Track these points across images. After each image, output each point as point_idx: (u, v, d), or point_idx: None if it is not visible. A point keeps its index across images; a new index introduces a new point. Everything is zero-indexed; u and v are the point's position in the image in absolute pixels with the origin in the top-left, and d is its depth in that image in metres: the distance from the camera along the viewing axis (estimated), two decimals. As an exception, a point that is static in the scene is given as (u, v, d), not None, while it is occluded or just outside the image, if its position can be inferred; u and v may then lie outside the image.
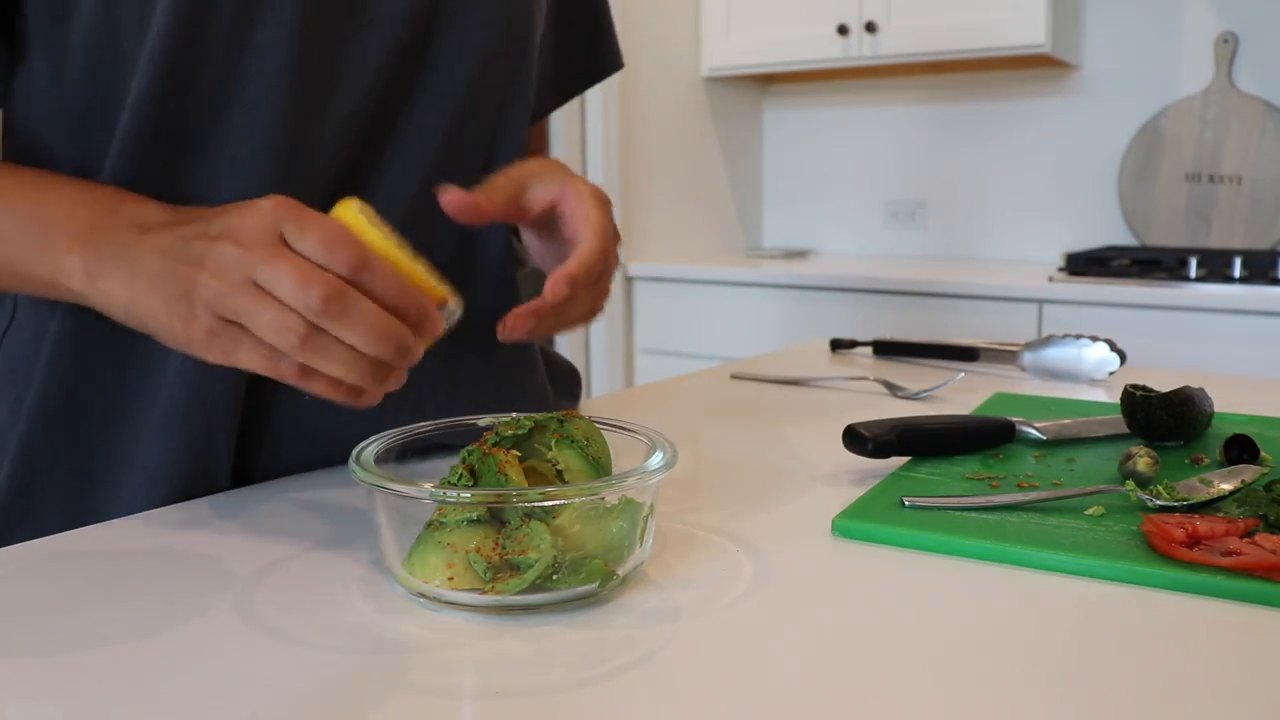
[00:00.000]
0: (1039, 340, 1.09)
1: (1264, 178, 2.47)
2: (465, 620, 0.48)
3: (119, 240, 0.56)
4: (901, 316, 2.37)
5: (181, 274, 0.53)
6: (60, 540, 0.59)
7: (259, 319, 0.50)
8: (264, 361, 0.52)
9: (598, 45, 0.89)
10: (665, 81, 2.80)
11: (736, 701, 0.41)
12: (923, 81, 2.89)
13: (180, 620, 0.48)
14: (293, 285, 0.50)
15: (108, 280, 0.55)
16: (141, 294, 0.54)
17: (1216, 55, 2.51)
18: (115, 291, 0.55)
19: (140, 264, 0.55)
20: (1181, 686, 0.42)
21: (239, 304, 0.51)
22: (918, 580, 0.53)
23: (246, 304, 0.51)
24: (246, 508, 0.64)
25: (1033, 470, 0.71)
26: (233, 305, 0.51)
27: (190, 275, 0.52)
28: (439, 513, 0.50)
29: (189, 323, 0.52)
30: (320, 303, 0.50)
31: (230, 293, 0.51)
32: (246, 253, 0.51)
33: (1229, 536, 0.55)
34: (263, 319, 0.50)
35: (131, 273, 0.55)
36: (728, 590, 0.52)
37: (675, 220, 2.89)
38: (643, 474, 0.51)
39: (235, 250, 0.51)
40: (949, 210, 2.91)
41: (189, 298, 0.52)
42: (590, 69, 0.89)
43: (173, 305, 0.53)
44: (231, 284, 0.51)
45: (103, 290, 0.56)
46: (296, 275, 0.50)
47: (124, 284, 0.55)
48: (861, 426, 0.72)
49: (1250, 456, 0.71)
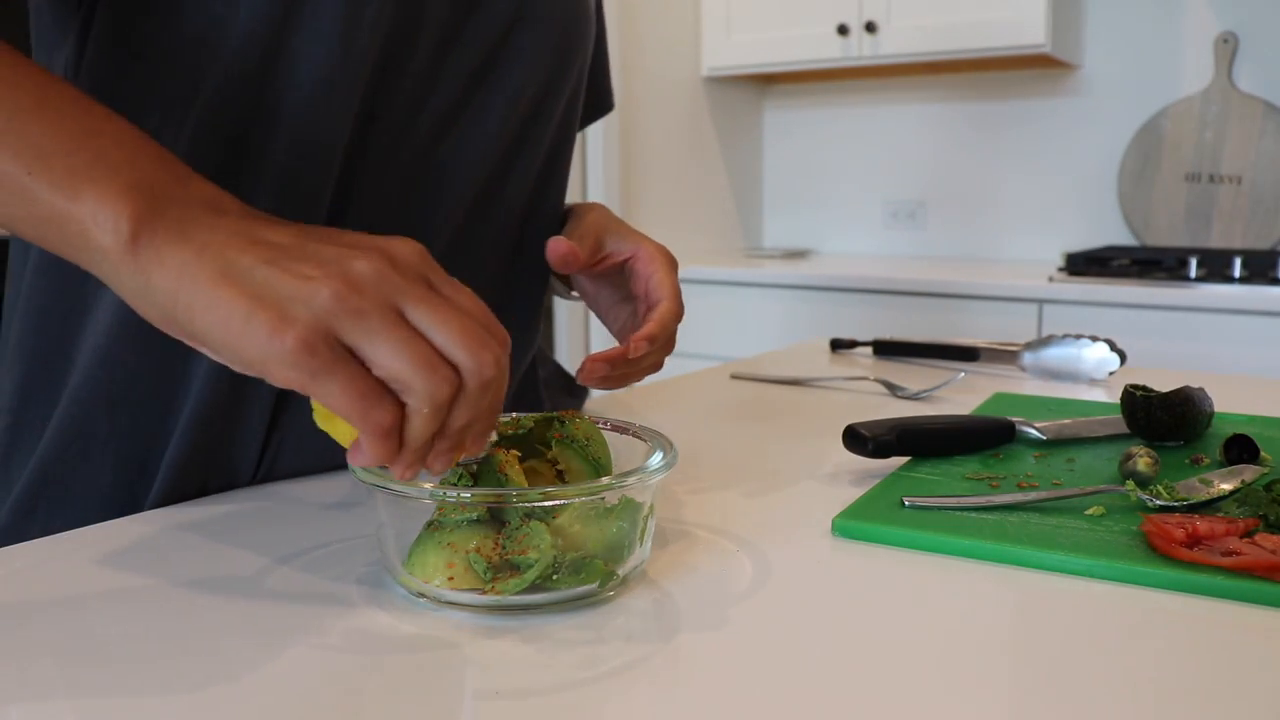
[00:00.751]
0: (1039, 340, 1.09)
1: (1264, 178, 2.47)
2: (465, 620, 0.48)
3: (185, 212, 0.45)
4: (901, 316, 2.37)
5: (290, 271, 0.43)
6: (61, 540, 0.59)
7: (402, 349, 0.42)
8: (357, 401, 0.42)
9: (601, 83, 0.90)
10: (665, 81, 2.80)
11: (736, 701, 0.41)
12: (923, 81, 2.90)
13: (180, 620, 0.48)
14: (462, 337, 0.43)
15: (161, 251, 0.43)
16: (205, 281, 0.42)
17: (1216, 55, 2.51)
18: (164, 267, 0.43)
19: (211, 246, 0.43)
20: (1181, 686, 0.42)
21: (377, 325, 0.42)
22: (918, 580, 0.53)
23: (390, 329, 0.42)
24: (247, 508, 0.64)
25: (1033, 470, 0.71)
26: (368, 325, 0.42)
27: (307, 276, 0.42)
28: (439, 513, 0.50)
29: (279, 331, 0.41)
30: (493, 370, 0.44)
31: (370, 313, 0.42)
32: (400, 278, 0.44)
33: (1229, 536, 0.55)
34: (408, 351, 0.42)
35: (197, 251, 0.43)
36: (728, 590, 0.52)
37: (675, 220, 2.89)
38: (643, 474, 0.51)
39: (387, 269, 0.44)
40: (949, 210, 2.91)
41: (293, 301, 0.42)
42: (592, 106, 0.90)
43: (258, 305, 0.42)
44: (371, 302, 0.42)
45: (145, 260, 0.43)
46: (469, 330, 0.43)
47: (182, 262, 0.43)
48: (861, 426, 0.72)
49: (1250, 456, 0.71)
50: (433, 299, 0.44)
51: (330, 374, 0.42)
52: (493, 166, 0.72)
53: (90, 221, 0.44)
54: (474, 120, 0.70)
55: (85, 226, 0.44)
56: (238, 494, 0.67)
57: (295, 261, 0.43)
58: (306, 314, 0.42)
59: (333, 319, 0.42)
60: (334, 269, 0.43)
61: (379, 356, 0.42)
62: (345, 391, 0.42)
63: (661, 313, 0.68)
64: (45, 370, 0.67)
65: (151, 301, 0.44)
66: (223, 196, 0.47)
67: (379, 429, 0.43)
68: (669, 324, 0.68)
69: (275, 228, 0.46)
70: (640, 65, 2.69)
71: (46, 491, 0.66)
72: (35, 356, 0.67)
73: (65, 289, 0.66)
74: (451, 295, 0.45)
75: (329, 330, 0.42)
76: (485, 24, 0.68)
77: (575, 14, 0.75)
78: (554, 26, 0.72)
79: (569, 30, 0.74)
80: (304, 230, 0.46)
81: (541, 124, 0.74)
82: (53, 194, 0.44)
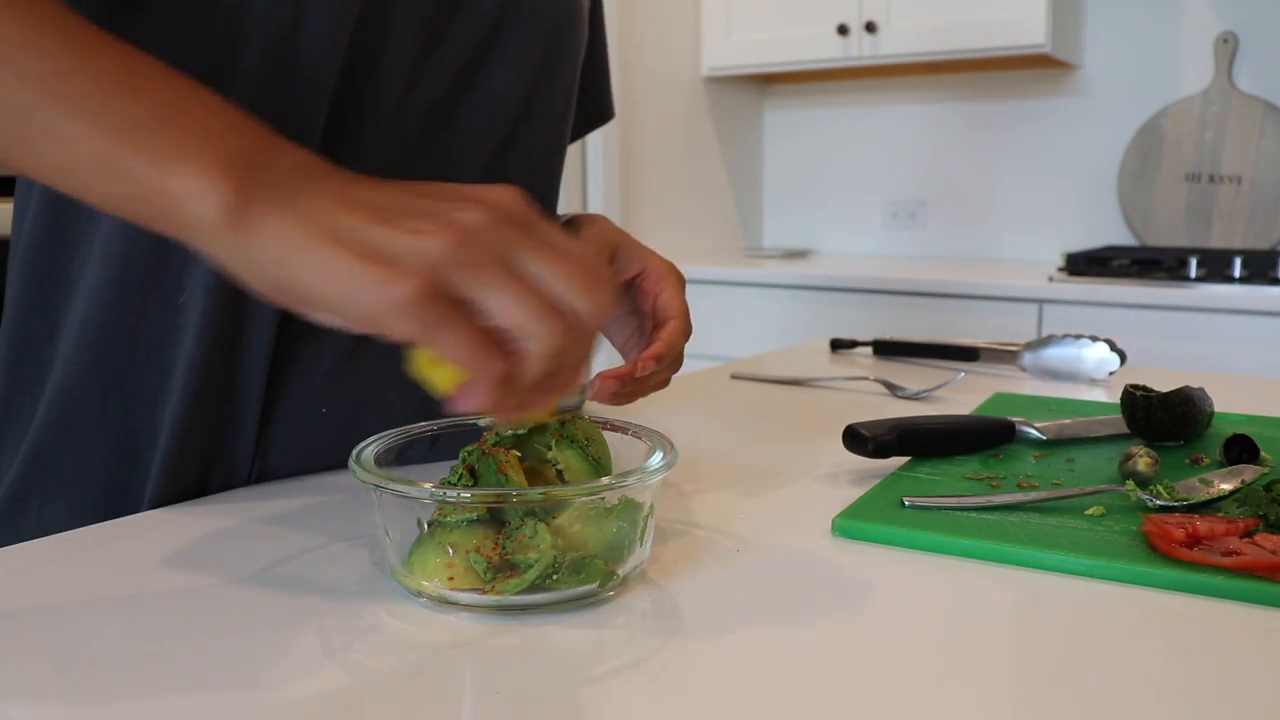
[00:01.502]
0: (1039, 340, 1.09)
1: (1264, 178, 2.47)
2: (465, 620, 0.48)
3: (283, 180, 0.45)
4: (901, 316, 2.37)
5: (398, 226, 0.43)
6: (61, 540, 0.59)
7: (523, 299, 0.42)
8: (479, 347, 0.42)
9: (600, 92, 0.90)
10: (665, 81, 2.80)
11: (736, 701, 0.41)
12: (922, 81, 2.89)
13: (180, 620, 0.48)
14: (577, 283, 0.43)
15: (264, 221, 0.43)
16: (312, 245, 0.42)
17: (1216, 55, 2.51)
18: (268, 236, 0.43)
19: (315, 210, 0.43)
20: (1181, 686, 0.42)
21: (493, 277, 0.42)
22: (918, 580, 0.53)
23: (507, 280, 0.42)
24: (246, 509, 0.64)
25: (1033, 470, 0.71)
26: (484, 277, 0.42)
27: (417, 230, 0.42)
28: (439, 513, 0.50)
29: (391, 282, 0.41)
30: (602, 315, 0.44)
31: (485, 265, 0.42)
32: (508, 229, 0.44)
33: (1229, 536, 0.55)
34: (528, 301, 0.42)
35: (300, 218, 0.43)
36: (727, 590, 0.52)
37: (675, 220, 2.89)
38: (643, 474, 0.51)
39: (495, 221, 0.44)
40: (949, 210, 2.91)
41: (406, 254, 0.42)
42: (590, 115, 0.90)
43: (368, 261, 0.41)
44: (486, 255, 0.42)
45: (250, 232, 0.43)
46: (582, 276, 0.44)
47: (286, 230, 0.43)
48: (861, 426, 0.72)
49: (1250, 456, 0.71)
50: (542, 247, 0.44)
51: (449, 324, 0.42)
52: (482, 167, 0.72)
53: (190, 198, 0.43)
54: (461, 120, 0.70)
55: (184, 203, 0.44)
56: (236, 494, 0.67)
57: (401, 218, 0.43)
58: (420, 265, 0.41)
59: (446, 270, 0.42)
60: (443, 221, 0.43)
61: (498, 305, 0.42)
62: (465, 341, 0.42)
63: (670, 331, 0.69)
64: (32, 356, 0.67)
65: (259, 272, 0.44)
66: (317, 161, 0.47)
67: (498, 378, 0.43)
68: (677, 343, 0.69)
69: (374, 188, 0.46)
70: (640, 65, 2.69)
71: (39, 479, 0.66)
72: (22, 342, 0.67)
73: (51, 274, 0.66)
74: (556, 241, 0.45)
75: (443, 281, 0.42)
76: (471, 21, 0.68)
77: (565, 15, 0.75)
78: (541, 27, 0.72)
79: (558, 31, 0.74)
80: (403, 187, 0.46)
81: (531, 125, 0.74)
82: (150, 171, 0.44)
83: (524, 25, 0.71)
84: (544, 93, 0.75)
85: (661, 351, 0.67)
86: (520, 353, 0.43)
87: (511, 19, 0.70)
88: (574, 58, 0.78)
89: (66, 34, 0.46)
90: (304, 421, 0.69)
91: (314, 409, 0.68)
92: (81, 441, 0.65)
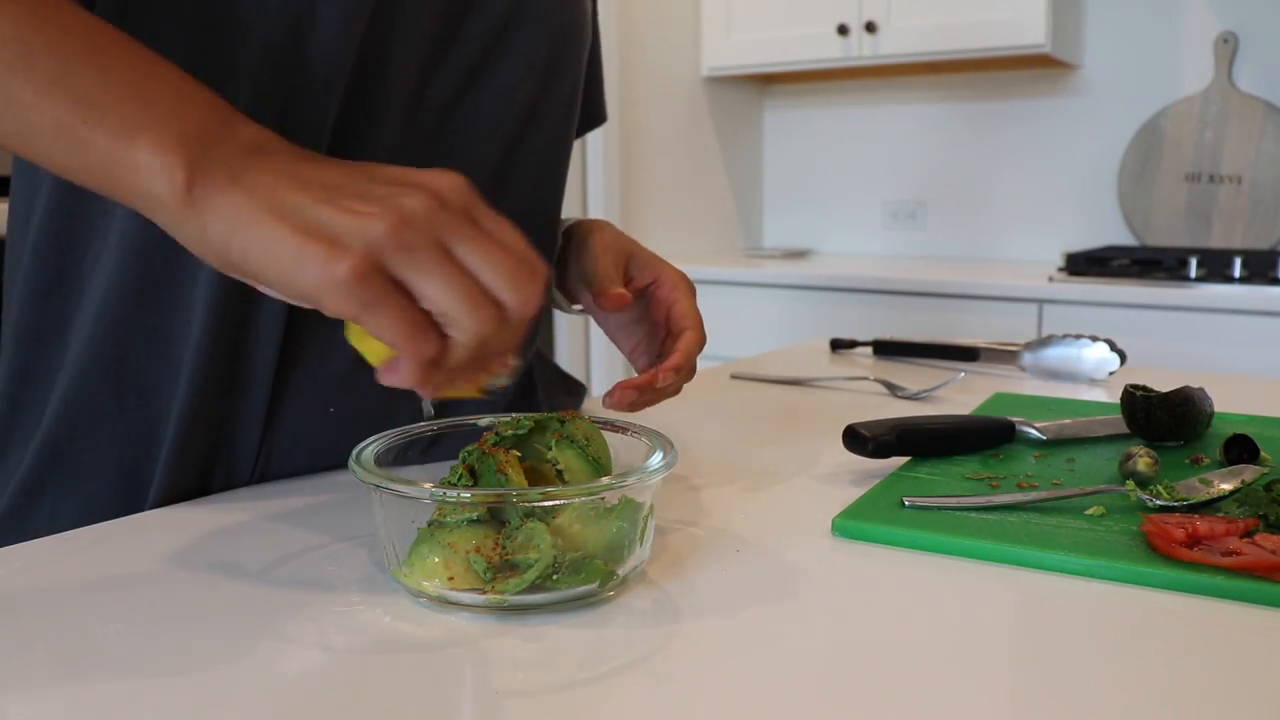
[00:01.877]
0: (1039, 340, 1.09)
1: (1264, 178, 2.47)
2: (465, 620, 0.48)
3: (235, 157, 0.46)
4: (902, 316, 2.37)
5: (341, 207, 0.44)
6: (61, 540, 0.59)
7: (453, 287, 0.44)
8: (407, 332, 0.44)
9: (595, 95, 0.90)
10: (665, 81, 2.80)
11: (736, 701, 0.41)
12: (922, 81, 2.89)
13: (180, 620, 0.48)
14: (508, 275, 0.45)
15: (214, 196, 0.45)
16: (258, 221, 0.44)
17: (1216, 55, 2.51)
18: (218, 212, 0.45)
19: (263, 187, 0.45)
20: (1181, 686, 0.42)
21: (428, 263, 0.44)
22: (918, 580, 0.53)
23: (441, 266, 0.44)
24: (247, 508, 0.64)
25: (1033, 470, 0.71)
26: (419, 262, 0.44)
27: (359, 212, 0.44)
28: (439, 513, 0.50)
29: (332, 260, 0.43)
30: (535, 305, 0.46)
31: (421, 248, 0.44)
32: (448, 216, 0.45)
33: (1229, 536, 0.55)
34: (459, 289, 0.44)
35: (248, 194, 0.45)
36: (727, 590, 0.52)
37: (675, 220, 2.89)
38: (643, 474, 0.51)
39: (436, 207, 0.45)
40: (949, 210, 2.90)
41: (347, 234, 0.43)
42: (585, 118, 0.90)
43: (310, 239, 0.43)
44: (423, 238, 0.44)
45: (200, 207, 0.45)
46: (514, 268, 0.45)
47: (235, 205, 0.45)
48: (861, 426, 0.72)
49: (1250, 456, 0.71)
50: (479, 236, 0.45)
51: (382, 305, 0.43)
52: (489, 168, 0.72)
53: (145, 171, 0.45)
54: (468, 120, 0.70)
55: (141, 176, 0.45)
56: (237, 493, 0.67)
57: (346, 198, 0.45)
58: (360, 246, 0.43)
59: (384, 253, 0.43)
60: (386, 204, 0.44)
61: (430, 291, 0.44)
62: (396, 323, 0.44)
63: (687, 342, 0.70)
64: (42, 353, 0.68)
65: (209, 246, 0.45)
66: (269, 138, 0.49)
67: (424, 359, 0.45)
68: (694, 354, 0.70)
69: (323, 166, 0.47)
70: (640, 65, 2.69)
71: (54, 471, 0.67)
72: (31, 340, 0.68)
73: (64, 271, 0.66)
74: (494, 230, 0.47)
75: (380, 263, 0.43)
76: (481, 23, 0.69)
77: (571, 17, 0.75)
78: (549, 28, 0.72)
79: (565, 31, 0.74)
80: (352, 168, 0.48)
81: (538, 125, 0.74)
82: (107, 143, 0.45)
83: (532, 27, 0.71)
84: (550, 94, 0.75)
85: (680, 363, 0.69)
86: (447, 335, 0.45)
87: (520, 21, 0.70)
88: (579, 59, 0.78)
89: (34, 3, 0.47)
90: (310, 419, 0.69)
91: (321, 407, 0.69)
92: (97, 433, 0.66)
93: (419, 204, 0.45)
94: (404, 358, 0.45)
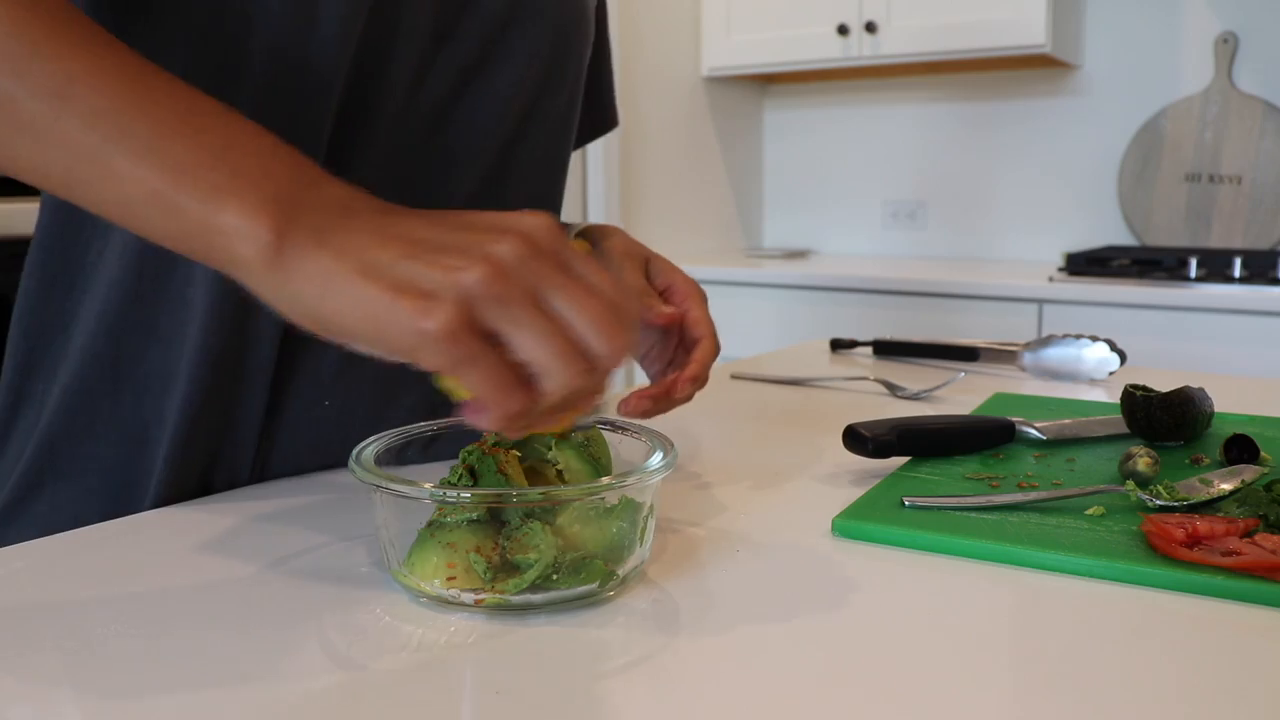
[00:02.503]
0: (1039, 340, 1.09)
1: (1264, 178, 2.47)
2: (465, 620, 0.48)
3: (321, 219, 0.46)
4: (902, 316, 2.37)
5: (432, 262, 0.44)
6: (61, 540, 0.59)
7: (546, 341, 0.43)
8: (498, 390, 0.44)
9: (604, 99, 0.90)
10: (665, 81, 2.80)
11: (736, 702, 0.41)
12: (923, 81, 2.89)
13: (180, 620, 0.48)
14: (601, 326, 0.44)
15: (303, 259, 0.45)
16: (348, 281, 0.44)
17: (1216, 55, 2.51)
18: (306, 274, 0.44)
19: (350, 247, 0.45)
20: (1181, 686, 0.42)
21: (521, 315, 0.43)
22: (918, 580, 0.53)
23: (535, 320, 0.43)
24: (246, 508, 0.64)
25: (1033, 470, 0.71)
26: (512, 314, 0.43)
27: (451, 264, 0.43)
28: (439, 513, 0.50)
29: (424, 316, 0.42)
30: (620, 356, 0.45)
31: (514, 300, 0.43)
32: (539, 263, 0.44)
33: (1229, 536, 0.55)
34: (552, 343, 0.43)
35: (336, 255, 0.44)
36: (728, 590, 0.52)
37: (675, 220, 2.89)
38: (643, 474, 0.51)
39: (526, 254, 0.44)
40: (949, 210, 2.91)
41: (438, 288, 0.43)
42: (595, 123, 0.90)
43: (401, 294, 0.43)
44: (516, 290, 0.43)
45: (289, 271, 0.45)
46: (608, 318, 0.44)
47: (324, 268, 0.44)
48: (861, 426, 0.72)
49: (1250, 456, 0.71)
50: (572, 285, 0.45)
51: (476, 362, 0.43)
52: (489, 165, 0.72)
53: (234, 236, 0.45)
54: (467, 118, 0.70)
55: (229, 240, 0.46)
56: (237, 493, 0.67)
57: (434, 253, 0.44)
58: (451, 298, 0.42)
59: (476, 304, 0.43)
60: (475, 254, 0.44)
61: (523, 343, 0.43)
62: (488, 380, 0.43)
63: (703, 351, 0.71)
64: (46, 345, 0.68)
65: (300, 308, 0.45)
66: (355, 196, 0.49)
67: (513, 413, 0.44)
68: (709, 363, 0.71)
69: (411, 219, 0.47)
70: (640, 65, 2.69)
71: (53, 465, 0.67)
72: (37, 331, 0.68)
73: (68, 265, 0.67)
74: (585, 275, 0.46)
75: (473, 315, 0.43)
76: (479, 21, 0.69)
77: (571, 15, 0.75)
78: (548, 25, 0.72)
79: (565, 28, 0.74)
80: (439, 217, 0.47)
81: (537, 123, 0.74)
82: (197, 209, 0.46)
83: (531, 24, 0.71)
84: (550, 92, 0.75)
85: (697, 373, 0.70)
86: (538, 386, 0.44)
87: (519, 18, 0.70)
88: (580, 57, 0.78)
89: (123, 71, 0.48)
90: (308, 415, 0.69)
91: (319, 404, 0.69)
92: (94, 429, 0.66)
93: (509, 251, 0.44)
94: (504, 422, 0.45)
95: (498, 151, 0.72)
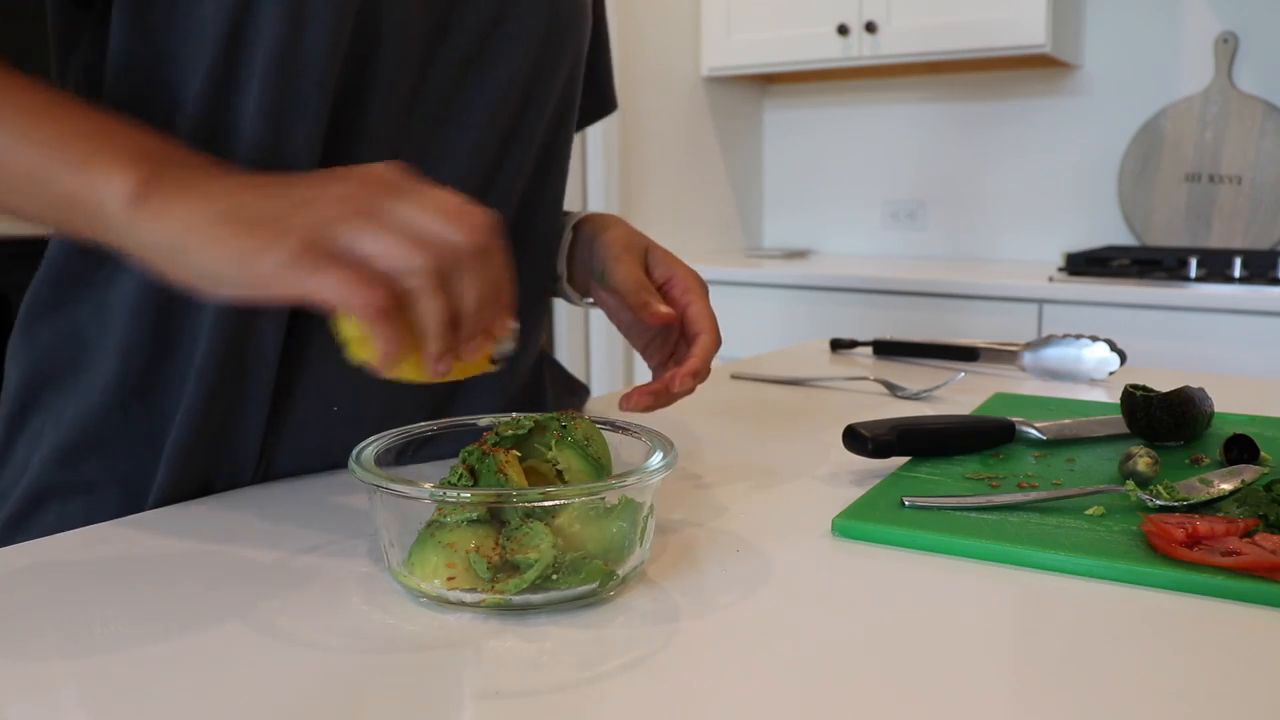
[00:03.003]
0: (1039, 340, 1.09)
1: (1264, 178, 2.47)
2: (465, 620, 0.48)
3: (189, 174, 0.50)
4: (902, 316, 2.37)
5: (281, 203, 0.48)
6: (61, 540, 0.59)
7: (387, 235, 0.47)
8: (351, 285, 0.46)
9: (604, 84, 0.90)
10: (665, 81, 2.80)
11: (736, 702, 0.41)
12: (922, 81, 2.89)
13: (181, 620, 0.48)
14: (441, 216, 0.48)
15: (164, 204, 0.48)
16: (208, 224, 0.48)
17: (1216, 55, 2.51)
18: (169, 218, 0.48)
19: (214, 193, 0.49)
20: (1181, 686, 0.42)
21: (366, 225, 0.47)
22: (918, 580, 0.53)
23: (371, 223, 0.47)
24: (247, 508, 0.64)
25: (1033, 470, 0.71)
26: (354, 227, 0.47)
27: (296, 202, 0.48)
28: (439, 513, 0.50)
29: (270, 247, 0.46)
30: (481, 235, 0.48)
31: (353, 216, 0.47)
32: (373, 189, 0.49)
33: (1229, 536, 0.55)
34: (393, 235, 0.47)
35: (200, 200, 0.49)
36: (728, 590, 0.52)
37: (675, 220, 2.89)
38: (643, 474, 0.51)
39: (359, 184, 0.49)
40: (949, 210, 2.90)
41: (282, 224, 0.47)
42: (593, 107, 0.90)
43: (252, 231, 0.47)
44: (356, 209, 0.48)
45: (151, 215, 0.48)
46: (445, 210, 0.48)
47: (187, 212, 0.48)
48: (861, 426, 0.72)
49: (1250, 456, 0.71)
50: (409, 194, 0.49)
51: (325, 269, 0.46)
52: (487, 158, 0.72)
53: (102, 190, 0.49)
54: (465, 111, 0.70)
55: (97, 197, 0.49)
56: (238, 493, 0.67)
57: (284, 196, 0.49)
58: (298, 230, 0.47)
59: (323, 228, 0.47)
60: (319, 190, 0.48)
61: (367, 247, 0.47)
62: (341, 280, 0.46)
63: (703, 345, 0.71)
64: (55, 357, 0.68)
65: (165, 254, 0.49)
66: (220, 163, 0.53)
67: (378, 310, 0.46)
68: (710, 358, 0.71)
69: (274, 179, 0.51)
70: (640, 65, 2.69)
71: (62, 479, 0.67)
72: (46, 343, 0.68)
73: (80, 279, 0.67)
74: (422, 190, 0.49)
75: (320, 237, 0.47)
76: (474, 14, 0.68)
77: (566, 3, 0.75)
78: (543, 14, 0.72)
79: (560, 18, 0.74)
80: (296, 177, 0.51)
81: (533, 115, 0.74)
82: (68, 174, 0.50)
83: (526, 15, 0.71)
84: (548, 82, 0.75)
85: (697, 368, 0.70)
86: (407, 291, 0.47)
87: (513, 10, 0.70)
88: (579, 46, 0.78)
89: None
90: (314, 419, 0.69)
91: (324, 406, 0.69)
92: (106, 441, 0.66)
93: (351, 186, 0.48)
94: (377, 327, 0.46)
95: (497, 143, 0.72)
